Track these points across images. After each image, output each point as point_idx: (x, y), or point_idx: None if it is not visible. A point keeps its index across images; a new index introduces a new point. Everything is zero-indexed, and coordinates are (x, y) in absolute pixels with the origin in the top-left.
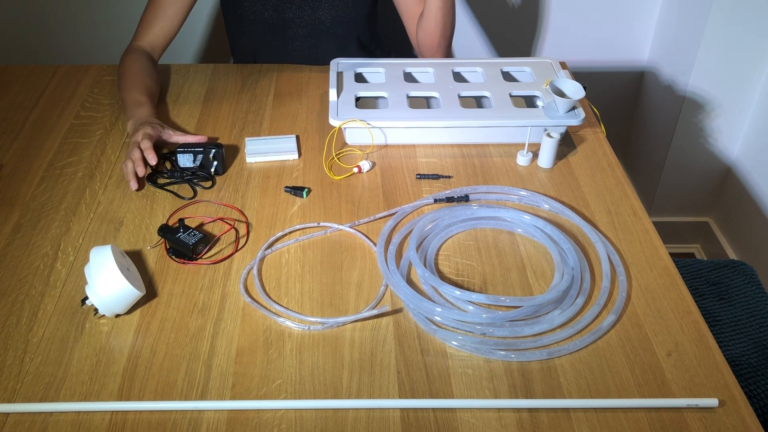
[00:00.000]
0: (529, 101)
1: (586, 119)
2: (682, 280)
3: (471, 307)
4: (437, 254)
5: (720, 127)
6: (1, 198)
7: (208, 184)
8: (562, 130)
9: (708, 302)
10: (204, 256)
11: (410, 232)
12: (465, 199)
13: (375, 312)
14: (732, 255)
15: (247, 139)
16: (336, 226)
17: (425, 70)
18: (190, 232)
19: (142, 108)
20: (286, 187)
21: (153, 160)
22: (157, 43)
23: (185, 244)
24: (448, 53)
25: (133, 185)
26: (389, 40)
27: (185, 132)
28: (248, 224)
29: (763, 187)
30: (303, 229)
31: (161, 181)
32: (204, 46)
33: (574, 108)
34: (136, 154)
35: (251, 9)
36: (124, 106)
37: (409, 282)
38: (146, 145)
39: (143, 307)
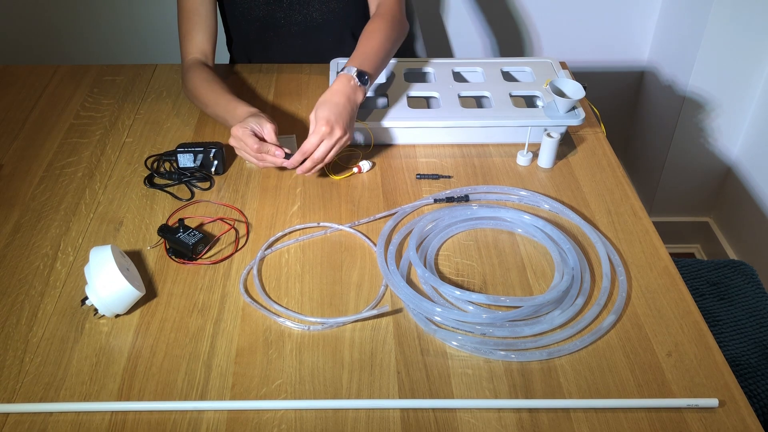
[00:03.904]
0: (529, 101)
1: (586, 119)
2: (682, 280)
3: (471, 307)
4: (437, 254)
5: (720, 127)
6: (1, 198)
7: (206, 185)
8: (562, 130)
9: (708, 302)
10: (204, 256)
11: (410, 232)
12: (465, 199)
13: (375, 312)
14: (732, 255)
15: None
16: (336, 226)
17: (425, 70)
18: (190, 232)
19: (240, 107)
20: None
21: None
22: (207, 48)
23: (185, 244)
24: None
25: (282, 161)
26: None
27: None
28: (248, 224)
29: (763, 187)
30: (303, 229)
31: (160, 181)
32: None
33: (574, 108)
34: (269, 158)
35: (243, 6)
36: (220, 117)
37: (409, 282)
38: (271, 135)
39: (143, 307)
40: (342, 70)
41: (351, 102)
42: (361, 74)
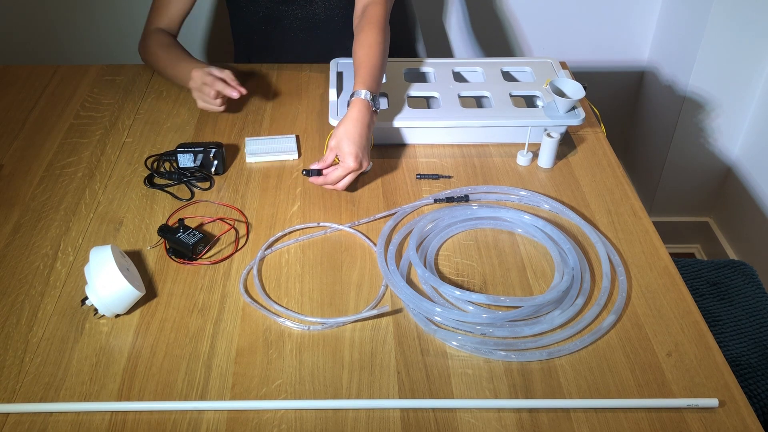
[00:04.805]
0: (529, 101)
1: (586, 119)
2: (682, 280)
3: (471, 307)
4: (437, 254)
5: (720, 127)
6: (1, 198)
7: (206, 185)
8: (562, 130)
9: (708, 302)
10: (204, 256)
11: (410, 232)
12: (465, 199)
13: (375, 312)
14: (732, 255)
15: (247, 139)
16: (336, 226)
17: (425, 70)
18: (190, 232)
19: (199, 64)
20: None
21: (242, 90)
22: (175, 24)
23: (185, 244)
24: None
25: (221, 106)
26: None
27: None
28: (248, 224)
29: (763, 187)
30: (303, 229)
31: (160, 181)
32: (207, 46)
33: (574, 108)
34: (219, 85)
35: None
36: (177, 74)
37: (409, 282)
38: (230, 76)
39: (143, 307)
40: (352, 95)
41: (370, 129)
42: (374, 98)
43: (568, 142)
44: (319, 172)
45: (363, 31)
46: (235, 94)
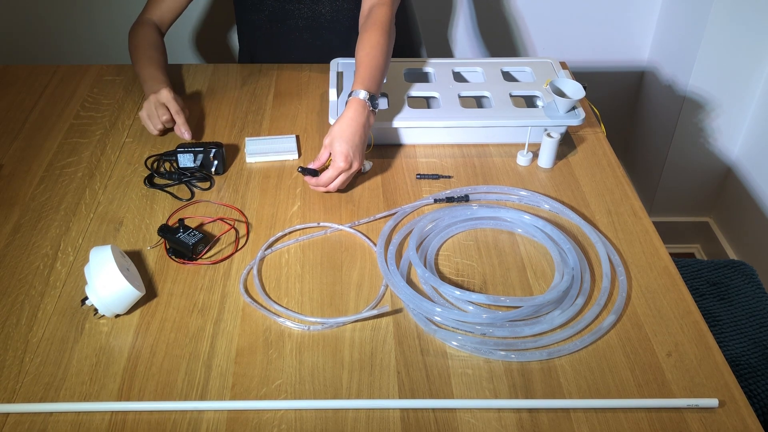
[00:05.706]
0: (529, 101)
1: (586, 119)
2: (682, 280)
3: (471, 307)
4: (437, 254)
5: (720, 127)
6: (1, 198)
7: (207, 185)
8: (562, 130)
9: (708, 302)
10: (204, 256)
11: (410, 232)
12: (465, 199)
13: (375, 312)
14: (732, 255)
15: (247, 139)
16: (336, 226)
17: (425, 70)
18: (190, 232)
19: (161, 85)
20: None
21: (188, 134)
22: (166, 18)
23: (185, 244)
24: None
25: (156, 131)
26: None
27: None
28: (248, 224)
29: (763, 187)
30: (303, 229)
31: (160, 181)
32: (208, 47)
33: (574, 108)
34: (166, 118)
35: None
36: (140, 80)
37: (409, 282)
38: (181, 120)
39: (143, 307)
40: (350, 94)
41: (365, 130)
42: (372, 98)
43: (568, 142)
44: (314, 172)
45: (367, 32)
46: (187, 136)
